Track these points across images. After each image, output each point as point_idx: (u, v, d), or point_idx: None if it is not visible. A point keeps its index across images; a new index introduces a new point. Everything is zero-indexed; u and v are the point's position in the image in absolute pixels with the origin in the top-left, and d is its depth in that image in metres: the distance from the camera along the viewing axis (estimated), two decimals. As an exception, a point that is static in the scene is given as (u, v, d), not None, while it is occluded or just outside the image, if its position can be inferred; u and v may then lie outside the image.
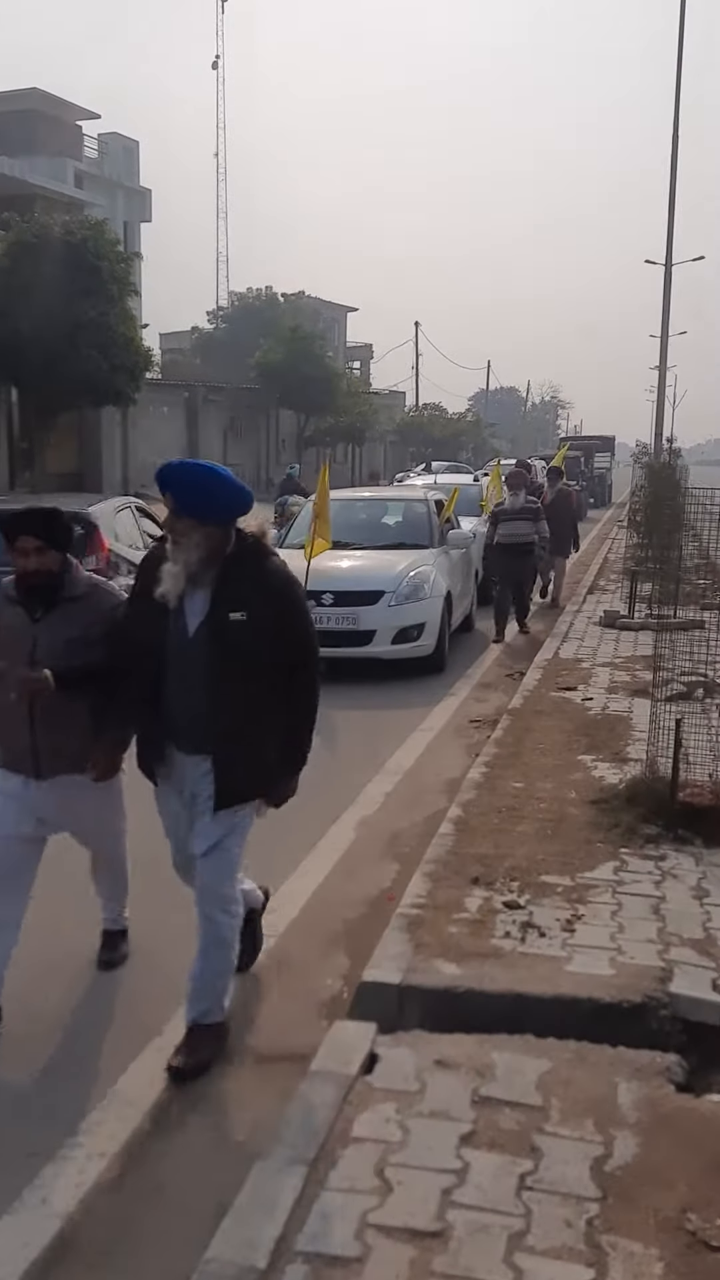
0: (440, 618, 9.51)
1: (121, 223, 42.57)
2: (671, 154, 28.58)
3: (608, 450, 46.95)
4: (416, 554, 9.99)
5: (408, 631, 9.26)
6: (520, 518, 11.25)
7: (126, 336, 21.35)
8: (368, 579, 9.48)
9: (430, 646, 9.37)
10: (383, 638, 9.18)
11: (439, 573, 9.80)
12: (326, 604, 8.98)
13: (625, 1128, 2.85)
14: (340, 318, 66.44)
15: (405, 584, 9.37)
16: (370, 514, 11.62)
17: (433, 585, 9.55)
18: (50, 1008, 3.88)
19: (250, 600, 3.38)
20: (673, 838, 4.88)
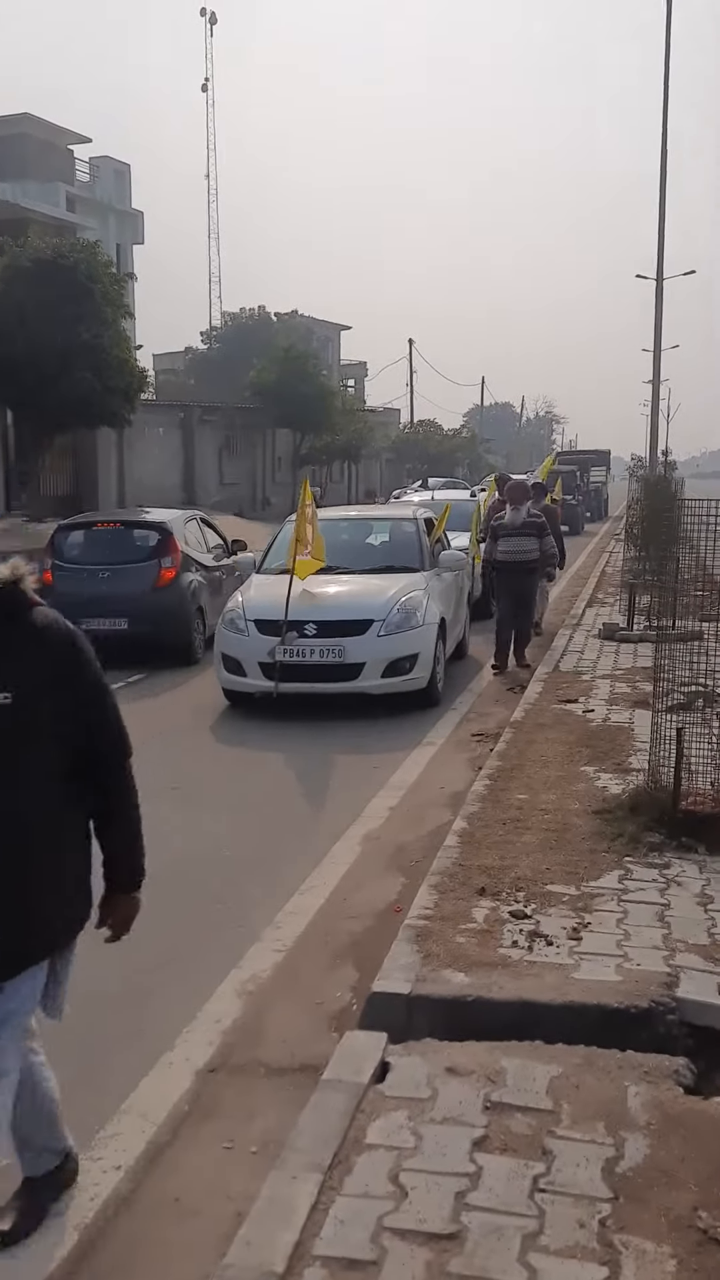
0: (434, 647, 8.80)
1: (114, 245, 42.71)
2: (661, 169, 28.83)
3: (603, 464, 47.25)
4: (406, 578, 9.22)
5: (399, 664, 8.49)
6: (523, 533, 10.26)
7: (121, 358, 21.44)
8: (354, 606, 8.73)
9: (424, 679, 8.66)
10: (372, 671, 8.39)
11: (431, 598, 9.07)
12: (309, 635, 8.39)
13: (635, 1130, 2.89)
14: (334, 336, 66.73)
15: (395, 611, 8.60)
16: (355, 535, 10.74)
17: (425, 612, 8.80)
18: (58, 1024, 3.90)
19: (13, 674, 2.38)
20: (676, 846, 4.92)
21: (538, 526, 10.34)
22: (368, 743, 7.75)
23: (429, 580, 9.35)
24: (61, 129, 43.34)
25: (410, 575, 9.31)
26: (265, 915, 4.79)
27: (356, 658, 8.38)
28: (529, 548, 10.23)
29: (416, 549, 9.95)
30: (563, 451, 59.64)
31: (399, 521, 10.67)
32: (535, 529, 10.29)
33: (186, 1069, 3.55)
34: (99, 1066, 3.59)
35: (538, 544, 10.29)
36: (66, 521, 12.49)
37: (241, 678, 8.59)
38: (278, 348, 38.69)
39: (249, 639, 8.56)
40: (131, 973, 4.28)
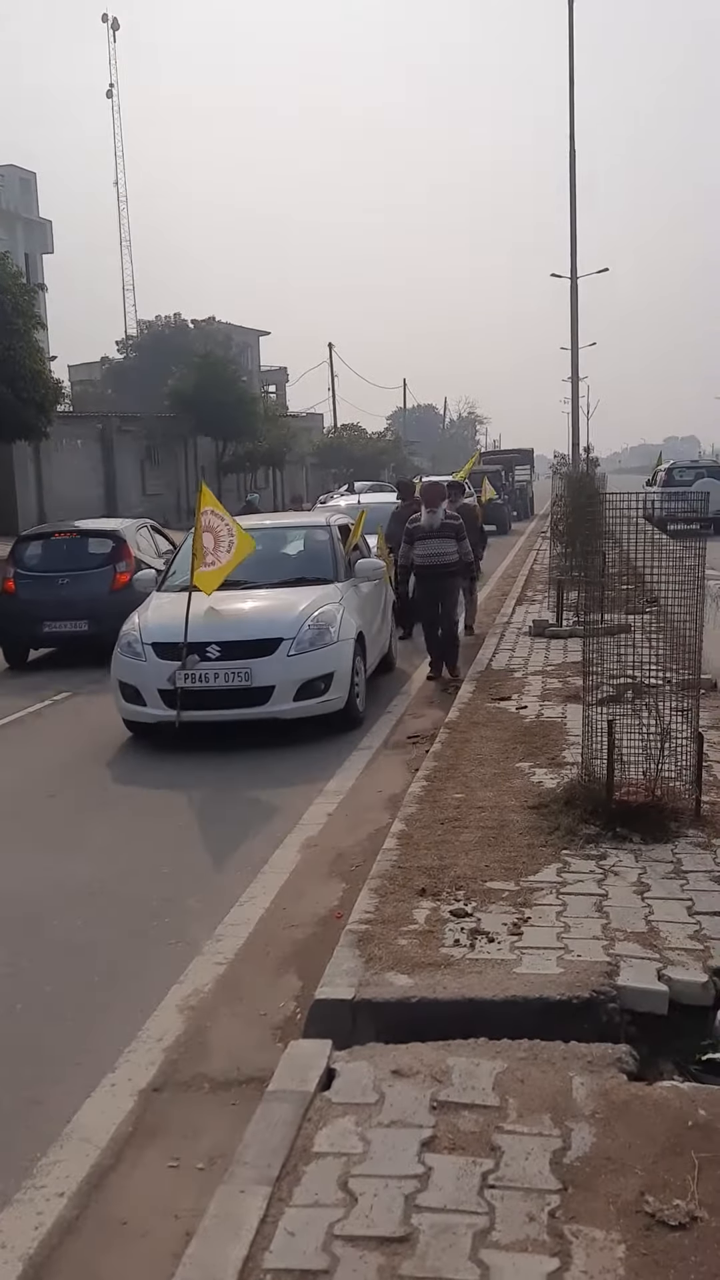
0: (351, 664, 8.17)
1: (22, 255, 42.25)
2: (570, 168, 29.23)
3: (527, 463, 47.72)
4: (320, 590, 8.60)
5: (313, 684, 7.87)
6: (440, 535, 9.88)
7: (34, 369, 21.16)
8: (261, 624, 8.05)
9: (341, 700, 8.04)
10: (283, 694, 7.76)
11: (348, 610, 8.44)
12: (213, 658, 7.71)
13: (581, 1119, 2.90)
14: (253, 342, 66.60)
15: (307, 627, 7.96)
16: (264, 546, 9.62)
17: (340, 626, 8.17)
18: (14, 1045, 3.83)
19: None
20: (611, 836, 4.98)
21: (455, 529, 9.99)
22: (302, 750, 7.72)
23: (344, 592, 8.75)
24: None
25: (323, 587, 8.70)
26: (205, 928, 4.74)
27: (265, 680, 7.74)
28: (448, 550, 9.89)
29: (330, 559, 9.30)
30: (487, 451, 60.14)
31: (310, 530, 10.05)
32: (453, 531, 9.95)
33: (129, 1089, 3.49)
34: (38, 1091, 3.52)
35: (456, 546, 9.97)
36: (26, 533, 13.96)
37: (141, 707, 7.96)
38: (195, 355, 38.52)
39: (146, 664, 7.93)
40: (70, 992, 4.22)
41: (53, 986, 4.29)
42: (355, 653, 8.31)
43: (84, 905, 5.09)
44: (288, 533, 10.31)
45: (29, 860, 5.79)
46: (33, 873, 5.58)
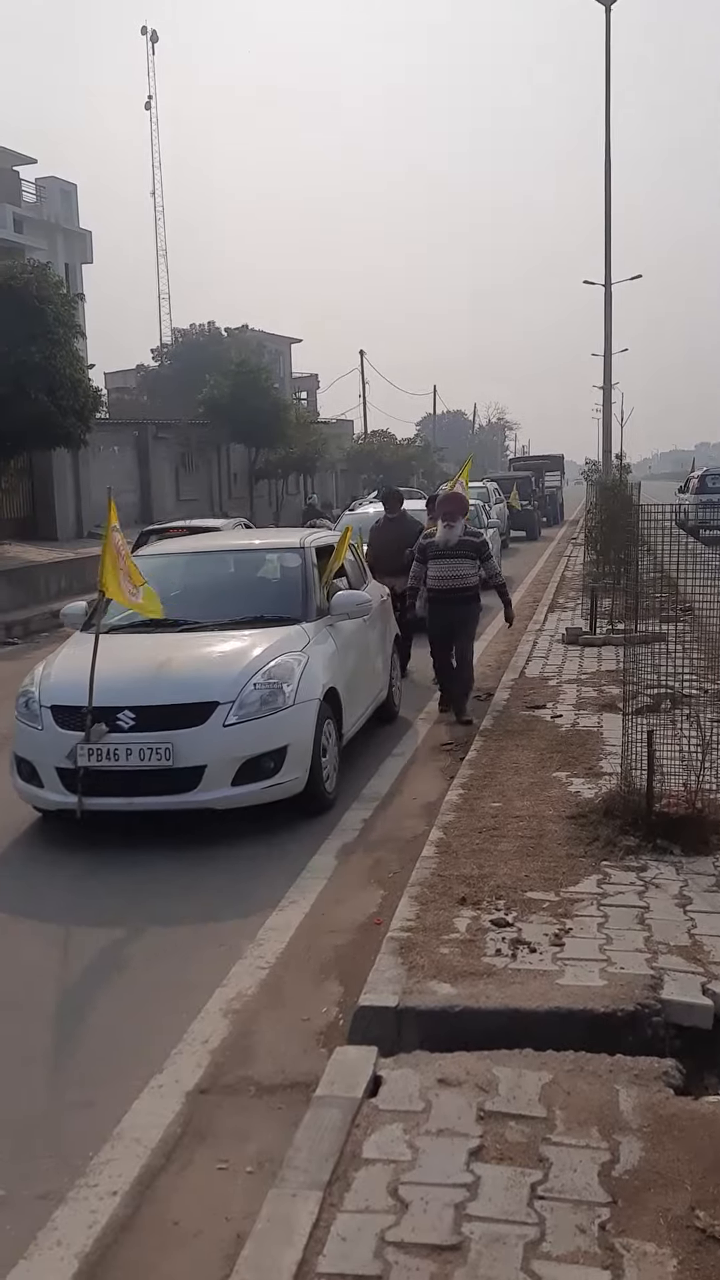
0: (316, 733, 6.27)
1: (63, 265, 42.69)
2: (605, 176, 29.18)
3: (557, 469, 47.61)
4: (280, 634, 6.62)
5: (259, 763, 5.96)
6: (458, 555, 8.49)
7: (74, 378, 21.33)
8: (190, 683, 6.09)
9: (299, 780, 6.13)
10: (217, 776, 5.85)
11: (315, 661, 6.54)
12: (125, 727, 5.86)
13: (629, 1133, 2.92)
14: (285, 350, 66.90)
15: (252, 687, 6.04)
16: (214, 574, 7.94)
17: (302, 682, 6.26)
18: (47, 1049, 3.89)
19: None
20: (652, 848, 4.98)
21: (476, 547, 8.62)
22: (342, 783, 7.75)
23: (314, 635, 6.82)
24: (6, 150, 43.23)
25: (286, 630, 6.71)
26: (246, 932, 4.78)
27: (193, 758, 5.83)
28: (465, 572, 8.52)
29: (298, 592, 7.27)
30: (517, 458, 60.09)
31: (278, 554, 7.91)
32: (473, 549, 8.58)
33: (177, 1091, 3.54)
34: (89, 1092, 3.57)
35: (476, 567, 8.58)
36: (150, 528, 15.81)
37: (38, 788, 6.17)
38: (229, 363, 38.72)
39: (43, 734, 6.14)
40: (116, 995, 4.28)
41: (100, 986, 4.36)
42: (323, 716, 6.43)
43: (128, 908, 5.15)
44: (247, 558, 8.16)
45: (74, 874, 5.86)
46: (81, 883, 5.64)
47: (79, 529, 27.67)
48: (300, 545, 7.75)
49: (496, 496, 28.16)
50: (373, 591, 8.62)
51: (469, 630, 8.73)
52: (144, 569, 6.80)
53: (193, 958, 4.57)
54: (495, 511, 24.81)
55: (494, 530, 20.64)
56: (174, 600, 7.17)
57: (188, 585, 7.76)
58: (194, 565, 8.19)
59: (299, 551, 7.67)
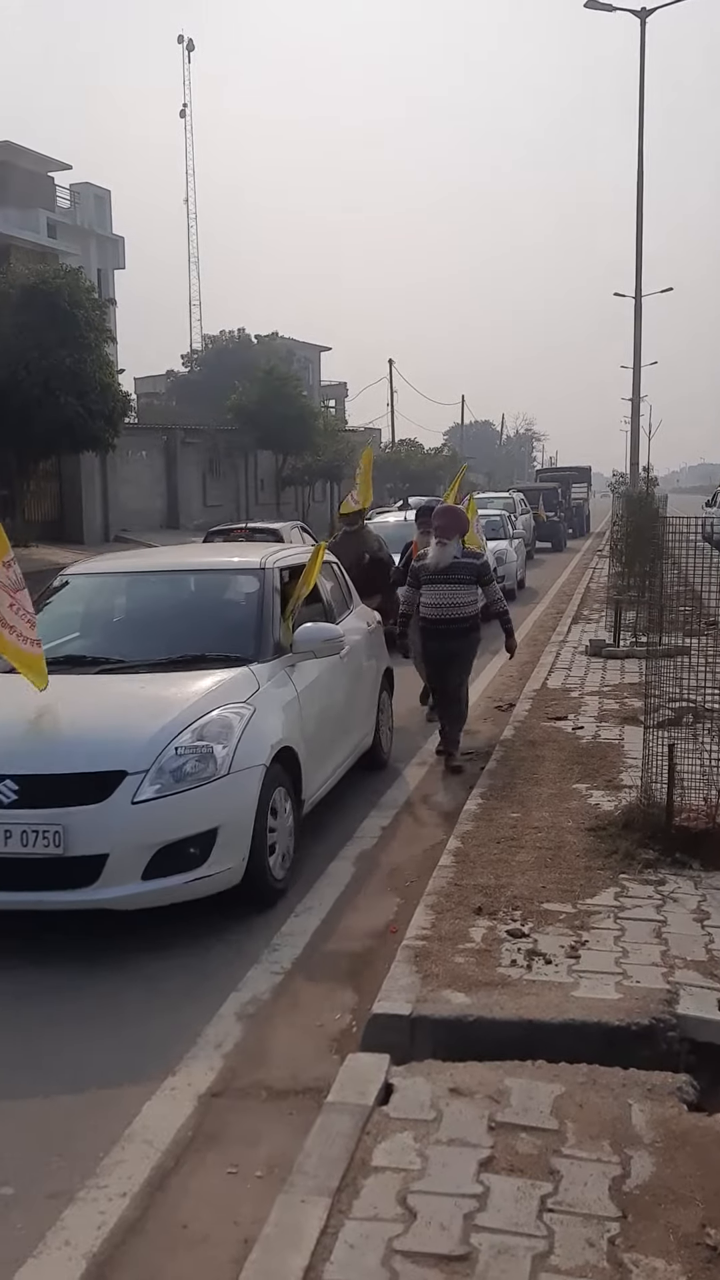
0: (259, 807, 4.90)
1: (95, 270, 43.03)
2: (637, 189, 29.14)
3: (584, 481, 47.61)
4: (223, 678, 5.27)
5: (179, 850, 4.62)
6: (453, 579, 7.33)
7: (104, 382, 21.55)
8: (93, 745, 4.78)
9: (233, 871, 4.80)
10: (124, 867, 4.56)
11: (266, 713, 5.19)
12: (5, 803, 4.56)
13: (641, 1147, 2.90)
14: (314, 357, 67.08)
15: (173, 751, 4.70)
16: (151, 601, 6.51)
17: (243, 743, 4.88)
18: (60, 1048, 3.90)
19: None
20: (670, 862, 4.95)
21: (476, 570, 7.44)
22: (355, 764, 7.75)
23: (268, 679, 5.44)
24: (42, 155, 43.59)
25: (229, 674, 5.33)
26: (262, 937, 4.79)
27: (92, 845, 4.53)
28: (463, 600, 7.37)
29: (251, 625, 5.86)
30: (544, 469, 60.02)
31: (231, 576, 6.48)
32: (472, 573, 7.41)
33: (189, 1094, 3.54)
34: (101, 1092, 3.58)
35: (475, 594, 7.46)
36: (215, 528, 16.68)
37: None
38: (258, 370, 38.93)
39: None
40: (131, 997, 4.29)
41: (114, 987, 4.37)
42: (271, 784, 5.04)
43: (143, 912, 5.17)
44: (194, 580, 6.64)
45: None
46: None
47: (106, 533, 27.86)
48: (260, 566, 6.24)
49: (523, 507, 28.17)
50: (357, 619, 7.50)
51: (464, 663, 7.60)
52: (72, 593, 6.23)
53: (208, 961, 4.58)
54: (522, 522, 24.78)
55: (519, 541, 20.64)
56: (99, 633, 6.11)
57: (118, 614, 6.43)
58: (131, 589, 6.61)
59: (258, 574, 6.17)
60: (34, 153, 42.99)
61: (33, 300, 20.86)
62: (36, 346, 20.19)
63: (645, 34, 27.93)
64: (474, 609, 7.43)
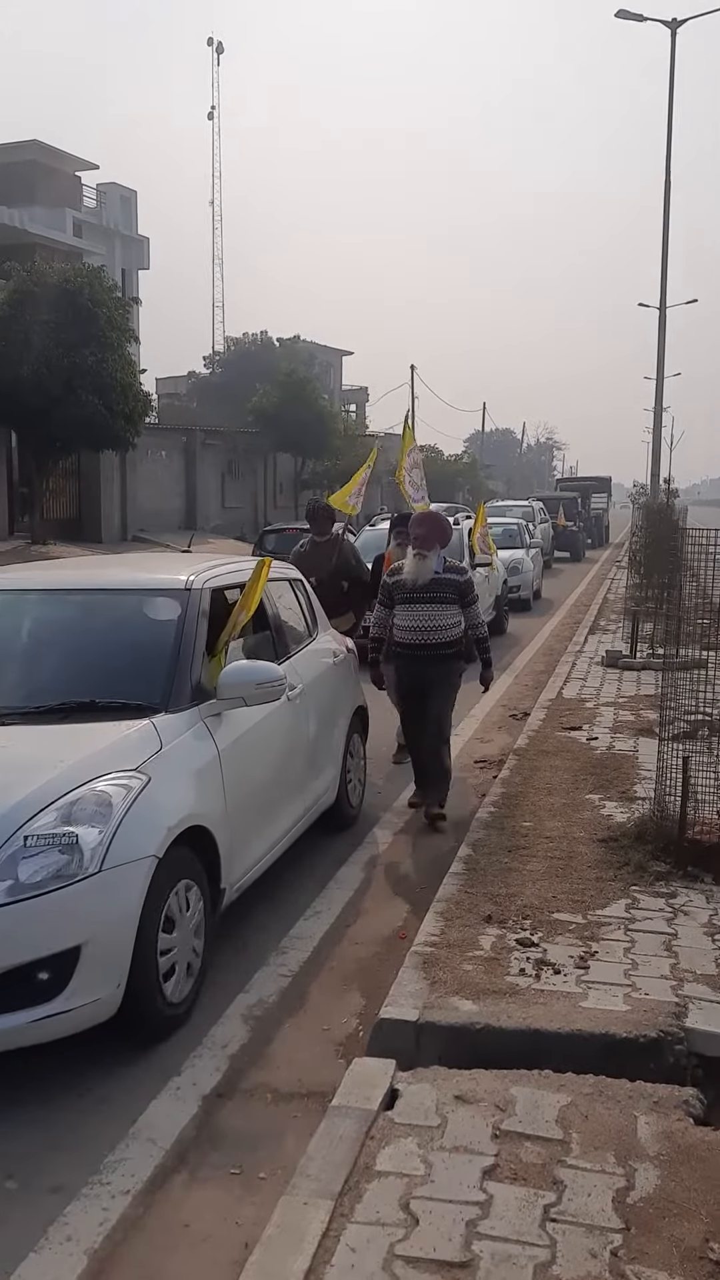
0: (143, 916, 3.68)
1: (119, 270, 43.22)
2: (665, 198, 29.10)
3: (604, 491, 47.52)
4: (110, 737, 4.06)
5: (21, 977, 3.44)
6: (433, 597, 6.34)
7: (125, 382, 21.61)
8: None
9: (105, 1002, 3.60)
10: None
11: (167, 782, 3.98)
12: None
13: (646, 1160, 2.89)
14: (336, 361, 67.12)
15: (21, 841, 3.56)
16: (34, 628, 5.12)
17: (125, 828, 3.69)
18: (68, 1046, 3.91)
19: None
20: (682, 875, 4.93)
21: (459, 587, 6.40)
22: (368, 767, 7.74)
23: (175, 736, 4.20)
24: (69, 155, 43.82)
25: (119, 730, 4.11)
26: (270, 940, 4.79)
27: None
28: (443, 621, 6.33)
29: (162, 663, 4.55)
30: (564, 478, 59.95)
31: (143, 599, 5.00)
32: (454, 590, 6.38)
33: (194, 1093, 3.55)
34: (106, 1091, 3.58)
35: (457, 614, 6.40)
36: (269, 528, 17.87)
37: None
38: (280, 373, 38.98)
39: None
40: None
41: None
42: (168, 880, 3.85)
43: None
44: (93, 603, 5.13)
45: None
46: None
47: (123, 532, 27.95)
48: (185, 586, 4.90)
49: (542, 516, 28.13)
50: (322, 648, 6.38)
51: (446, 696, 6.51)
52: None
53: (215, 962, 4.58)
54: (540, 531, 24.75)
55: (535, 551, 20.48)
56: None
57: (11, 646, 5.01)
58: (8, 612, 5.16)
59: (180, 596, 4.85)
60: (62, 152, 43.23)
61: (56, 298, 20.96)
62: (59, 345, 20.27)
63: (675, 45, 27.86)
64: (457, 632, 6.40)
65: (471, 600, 6.47)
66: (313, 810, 5.78)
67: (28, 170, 40.75)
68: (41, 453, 22.73)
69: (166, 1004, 3.86)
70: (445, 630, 6.34)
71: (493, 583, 14.07)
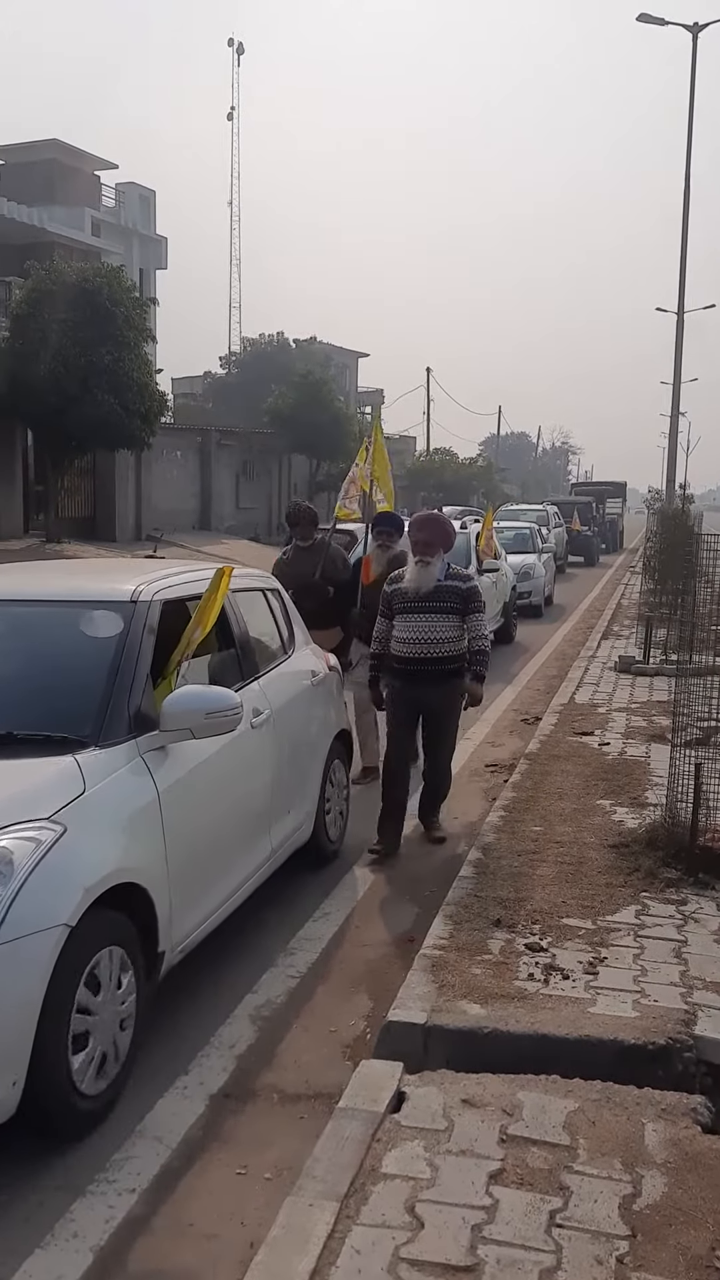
0: (44, 999, 3.03)
1: (137, 270, 43.30)
2: (684, 202, 29.02)
3: (619, 496, 47.42)
4: (28, 775, 3.49)
5: None
6: (434, 607, 5.86)
7: (141, 382, 21.64)
8: None
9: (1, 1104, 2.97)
10: None
11: (89, 830, 3.36)
12: None
13: (653, 1167, 2.88)
14: (351, 363, 67.17)
15: None
16: None
17: (28, 891, 3.06)
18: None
19: None
20: (693, 882, 4.92)
21: (464, 595, 5.91)
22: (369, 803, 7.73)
23: (102, 777, 3.58)
24: (89, 154, 43.94)
25: (43, 767, 3.55)
26: (279, 941, 4.79)
27: None
28: (444, 633, 5.84)
29: (95, 688, 3.94)
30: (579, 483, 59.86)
31: (78, 614, 4.28)
32: (458, 599, 5.89)
33: (201, 1093, 3.55)
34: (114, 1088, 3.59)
35: (459, 626, 5.90)
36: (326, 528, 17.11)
37: None
38: (295, 374, 39.03)
39: None
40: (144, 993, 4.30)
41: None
42: (84, 952, 3.24)
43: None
44: (22, 617, 4.47)
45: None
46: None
47: (138, 531, 27.99)
48: (130, 598, 4.28)
49: (557, 520, 28.07)
50: (300, 666, 5.71)
51: (448, 719, 6.03)
52: None
53: (223, 963, 4.59)
54: (554, 535, 24.68)
55: (548, 556, 20.13)
56: None
57: None
58: None
59: (123, 609, 4.24)
60: (81, 151, 43.34)
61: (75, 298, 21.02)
62: (77, 344, 20.32)
63: (697, 49, 27.81)
64: (461, 645, 5.91)
65: (475, 609, 5.95)
66: (281, 851, 5.11)
67: (47, 169, 40.87)
68: (57, 451, 22.78)
69: (81, 1098, 3.22)
70: (446, 643, 5.85)
71: (501, 589, 13.70)
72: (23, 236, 34.62)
